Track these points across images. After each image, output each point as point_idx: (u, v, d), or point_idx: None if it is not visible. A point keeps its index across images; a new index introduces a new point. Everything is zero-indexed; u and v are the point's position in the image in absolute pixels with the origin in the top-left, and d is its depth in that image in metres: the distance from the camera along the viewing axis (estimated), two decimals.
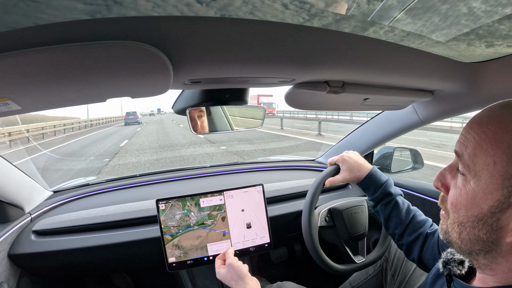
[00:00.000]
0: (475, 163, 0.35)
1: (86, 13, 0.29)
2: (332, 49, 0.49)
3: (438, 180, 0.43)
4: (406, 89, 0.72)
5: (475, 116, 0.38)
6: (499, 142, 0.33)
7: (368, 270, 1.04)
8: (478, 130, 0.36)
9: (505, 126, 0.34)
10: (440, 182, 0.42)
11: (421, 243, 0.71)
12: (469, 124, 0.38)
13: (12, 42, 0.31)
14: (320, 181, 0.85)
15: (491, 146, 0.34)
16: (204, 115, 0.73)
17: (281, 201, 1.10)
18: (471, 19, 0.39)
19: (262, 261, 1.38)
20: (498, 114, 0.35)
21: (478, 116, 0.38)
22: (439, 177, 0.43)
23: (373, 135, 1.18)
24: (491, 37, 0.47)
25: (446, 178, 0.42)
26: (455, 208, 0.38)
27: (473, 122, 0.38)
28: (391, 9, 0.35)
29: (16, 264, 0.84)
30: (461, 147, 0.38)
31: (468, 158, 0.36)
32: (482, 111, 0.38)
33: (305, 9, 0.34)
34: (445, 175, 0.42)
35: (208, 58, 0.43)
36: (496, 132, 0.34)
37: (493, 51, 0.55)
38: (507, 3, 0.34)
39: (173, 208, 0.89)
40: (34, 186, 0.96)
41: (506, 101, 0.37)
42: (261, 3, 0.32)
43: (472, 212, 0.36)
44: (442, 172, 0.43)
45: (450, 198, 0.40)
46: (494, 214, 0.34)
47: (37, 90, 0.41)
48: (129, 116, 21.90)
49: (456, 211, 0.38)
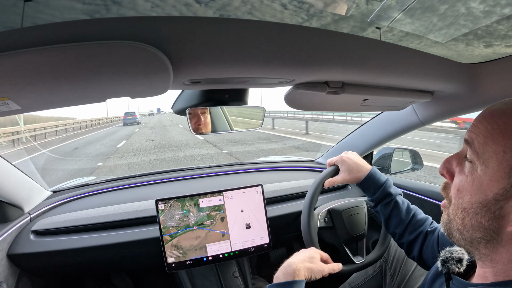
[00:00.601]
0: (485, 150, 0.36)
1: (84, 13, 0.29)
2: (332, 49, 0.49)
3: (444, 166, 0.43)
4: (406, 90, 0.72)
5: (488, 108, 0.39)
6: (510, 132, 0.35)
7: (367, 271, 1.03)
8: (490, 120, 0.37)
9: None
10: (446, 169, 0.42)
11: (421, 241, 0.72)
12: (481, 115, 0.39)
13: (12, 41, 0.31)
14: (319, 181, 0.85)
15: (502, 136, 0.35)
16: (207, 111, 0.73)
17: (281, 202, 1.10)
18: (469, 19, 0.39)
19: (262, 261, 1.37)
20: (511, 107, 0.36)
21: (491, 108, 0.39)
22: (445, 163, 0.43)
23: (372, 136, 1.18)
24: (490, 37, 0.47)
25: (452, 165, 0.42)
26: (460, 193, 0.39)
27: (486, 113, 0.38)
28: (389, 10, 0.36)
29: (15, 264, 0.84)
30: (471, 135, 0.38)
31: (478, 145, 0.37)
32: (496, 104, 0.39)
33: (304, 9, 0.35)
34: (451, 161, 0.42)
35: (208, 59, 0.43)
36: (508, 124, 0.35)
37: (491, 51, 0.56)
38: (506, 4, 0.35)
39: (172, 208, 0.89)
40: (34, 186, 0.96)
41: None
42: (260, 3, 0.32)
43: (476, 198, 0.37)
44: (449, 159, 0.43)
45: (455, 184, 0.40)
46: (498, 201, 0.35)
47: (37, 90, 0.41)
48: (128, 117, 21.70)
49: (460, 197, 0.39)
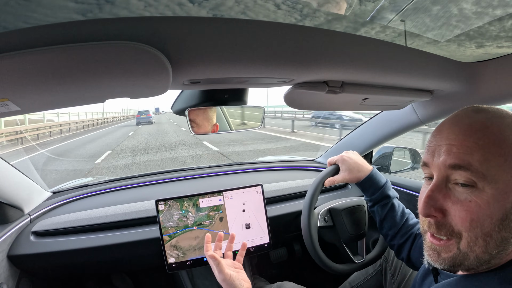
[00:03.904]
0: (489, 167, 0.34)
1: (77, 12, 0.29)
2: (331, 49, 0.49)
3: (429, 206, 0.37)
4: (405, 89, 0.73)
5: (458, 125, 0.37)
6: (502, 141, 0.34)
7: (367, 270, 1.04)
8: (476, 135, 0.35)
9: (498, 126, 0.35)
10: (432, 208, 0.37)
11: (410, 243, 0.73)
12: (460, 133, 0.36)
13: (11, 42, 0.31)
14: (319, 181, 0.85)
15: (497, 147, 0.35)
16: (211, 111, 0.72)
17: (281, 201, 1.10)
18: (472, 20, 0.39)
19: (262, 261, 1.37)
20: (482, 118, 0.36)
21: (465, 123, 0.37)
22: (427, 202, 0.37)
23: (372, 135, 1.18)
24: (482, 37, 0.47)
25: (438, 200, 0.37)
26: (476, 223, 0.34)
27: (465, 130, 0.36)
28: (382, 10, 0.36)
29: (16, 265, 0.84)
30: (463, 156, 0.35)
31: (480, 165, 0.34)
32: (461, 119, 0.38)
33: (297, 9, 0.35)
34: (434, 197, 0.37)
35: (207, 59, 0.43)
36: (495, 134, 0.35)
37: (489, 51, 0.56)
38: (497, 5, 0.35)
39: (171, 208, 0.88)
40: (33, 187, 0.96)
41: (471, 107, 0.39)
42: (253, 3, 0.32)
43: (497, 217, 0.34)
44: (429, 195, 0.37)
45: (463, 216, 0.35)
46: None
47: (36, 91, 0.41)
48: (141, 116, 21.36)
49: (477, 226, 0.34)
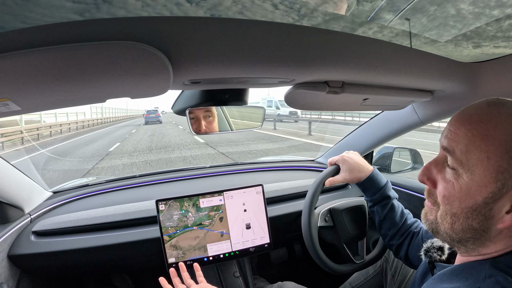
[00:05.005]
0: (469, 158, 0.37)
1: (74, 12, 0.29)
2: (331, 49, 0.49)
3: (424, 174, 0.43)
4: (406, 89, 0.72)
5: (463, 113, 0.39)
6: (492, 138, 0.35)
7: (368, 270, 1.04)
8: (469, 127, 0.37)
9: (496, 124, 0.35)
10: (426, 176, 0.43)
11: (408, 242, 0.74)
12: (458, 121, 0.39)
13: (12, 42, 0.31)
14: (320, 181, 0.85)
15: (484, 142, 0.35)
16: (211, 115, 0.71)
17: (281, 201, 1.10)
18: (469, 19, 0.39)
19: (262, 261, 1.38)
20: (487, 112, 0.37)
21: (467, 113, 0.38)
22: (424, 171, 0.43)
23: (372, 135, 1.18)
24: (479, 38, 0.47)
25: (432, 172, 0.42)
26: (448, 200, 0.39)
27: (463, 119, 0.38)
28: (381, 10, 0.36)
29: (16, 265, 0.84)
30: (451, 143, 0.38)
31: (460, 154, 0.37)
32: (469, 109, 0.39)
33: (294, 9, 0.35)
34: (430, 169, 0.43)
35: (207, 59, 0.43)
36: (488, 129, 0.36)
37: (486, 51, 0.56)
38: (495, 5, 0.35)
39: (170, 208, 0.89)
40: (34, 187, 0.96)
41: (492, 99, 0.38)
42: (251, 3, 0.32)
43: (466, 204, 0.37)
44: (427, 166, 0.43)
45: (440, 191, 0.40)
46: (487, 204, 0.36)
47: (37, 91, 0.41)
48: (150, 115, 20.58)
49: (448, 203, 0.39)
